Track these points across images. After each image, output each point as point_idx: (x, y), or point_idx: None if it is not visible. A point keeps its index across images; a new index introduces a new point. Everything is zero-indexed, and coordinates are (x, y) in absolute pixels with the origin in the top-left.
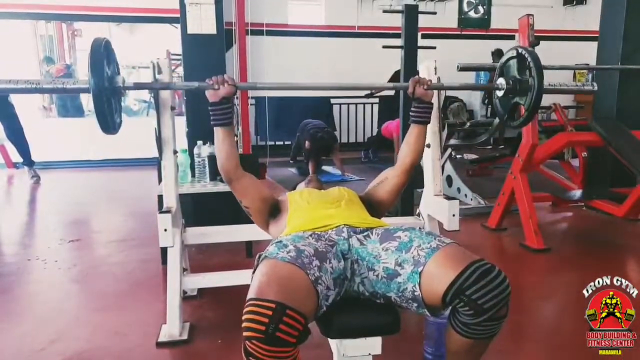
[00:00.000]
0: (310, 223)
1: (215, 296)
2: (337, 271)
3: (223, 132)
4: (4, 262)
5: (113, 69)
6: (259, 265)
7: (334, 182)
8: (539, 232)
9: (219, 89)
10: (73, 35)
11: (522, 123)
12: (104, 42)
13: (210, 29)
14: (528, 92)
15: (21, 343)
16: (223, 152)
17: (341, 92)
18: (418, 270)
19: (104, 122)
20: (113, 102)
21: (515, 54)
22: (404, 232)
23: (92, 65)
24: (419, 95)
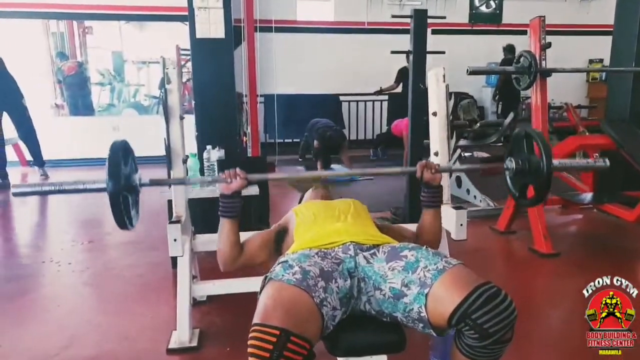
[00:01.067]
0: (317, 240)
1: (224, 302)
2: (344, 290)
3: (230, 224)
4: (20, 264)
5: (131, 168)
6: (265, 286)
7: (342, 181)
8: (548, 237)
9: (231, 182)
10: (84, 33)
11: (532, 203)
12: (122, 144)
13: (219, 33)
14: (537, 173)
15: (35, 348)
16: (228, 243)
17: (350, 89)
18: (424, 292)
19: (121, 220)
20: (130, 199)
21: (524, 134)
22: (410, 251)
23: (110, 169)
24: (427, 180)
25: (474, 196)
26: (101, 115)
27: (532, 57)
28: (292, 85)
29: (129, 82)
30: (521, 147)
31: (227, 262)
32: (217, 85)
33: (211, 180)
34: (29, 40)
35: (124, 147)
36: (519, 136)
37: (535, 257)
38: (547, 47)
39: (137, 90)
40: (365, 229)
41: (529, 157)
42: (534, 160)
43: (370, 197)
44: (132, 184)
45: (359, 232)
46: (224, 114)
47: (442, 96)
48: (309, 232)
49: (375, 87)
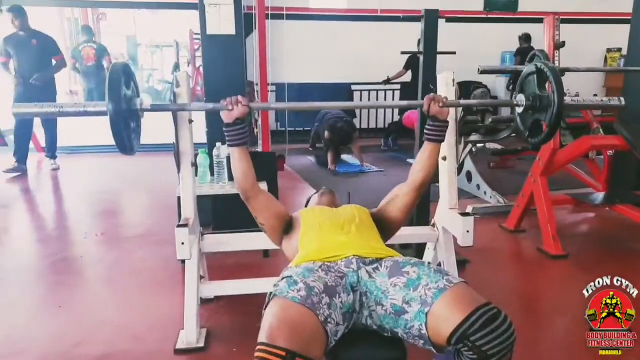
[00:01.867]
0: (321, 252)
1: (231, 300)
2: (347, 305)
3: (239, 152)
4: (34, 256)
5: (132, 92)
6: (270, 303)
7: (352, 173)
8: (557, 238)
9: (232, 109)
10: (98, 19)
11: (543, 140)
12: (123, 66)
13: (229, 30)
14: (548, 109)
15: (48, 346)
16: (239, 172)
17: (362, 78)
18: (425, 310)
19: (122, 143)
20: (131, 124)
21: (535, 69)
22: (412, 267)
23: (110, 90)
24: (434, 113)
25: (484, 192)
26: None
27: (545, 56)
28: (303, 74)
29: (143, 66)
30: (531, 83)
31: (242, 188)
32: (227, 81)
33: (212, 108)
34: (45, 27)
35: (124, 69)
36: (529, 71)
37: (543, 258)
38: (560, 46)
39: (150, 75)
40: (368, 241)
41: (540, 92)
42: (545, 95)
43: (380, 191)
44: (133, 107)
45: (362, 245)
46: None
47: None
48: (313, 243)
49: (379, 107)
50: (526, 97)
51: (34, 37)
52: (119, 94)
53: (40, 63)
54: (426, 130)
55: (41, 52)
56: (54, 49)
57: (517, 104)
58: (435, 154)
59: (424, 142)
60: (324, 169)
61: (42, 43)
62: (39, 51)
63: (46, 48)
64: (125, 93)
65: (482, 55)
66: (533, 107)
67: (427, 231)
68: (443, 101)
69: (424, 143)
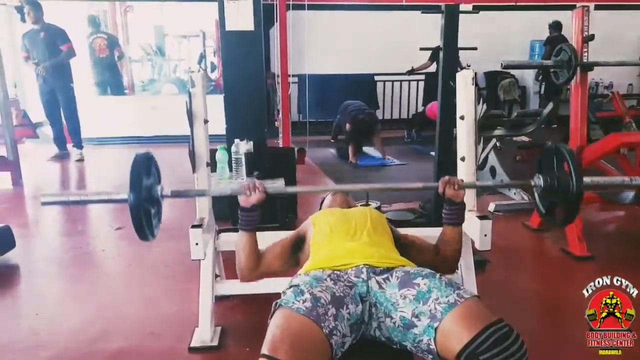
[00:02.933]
0: (330, 260)
1: (247, 298)
2: (354, 316)
3: (247, 237)
4: (56, 249)
5: (154, 180)
6: (275, 313)
7: (373, 166)
8: (582, 239)
9: (250, 195)
10: (125, 12)
11: (562, 223)
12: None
13: (248, 26)
14: (566, 192)
15: (69, 339)
16: (243, 257)
17: (385, 69)
18: (434, 325)
19: (141, 231)
20: (151, 210)
21: (553, 149)
22: (423, 279)
23: (132, 181)
24: (450, 196)
25: (508, 188)
26: (141, 92)
27: (572, 51)
28: (326, 65)
29: (170, 56)
30: (551, 163)
31: (244, 274)
32: (246, 77)
33: (231, 193)
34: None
35: (146, 158)
36: (549, 151)
37: (567, 260)
38: (589, 40)
39: (177, 66)
40: (379, 249)
41: (559, 174)
42: (564, 179)
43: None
44: (154, 195)
45: (373, 253)
46: (253, 107)
47: (471, 100)
48: (323, 250)
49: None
50: (544, 178)
51: (44, 30)
52: (140, 184)
53: (50, 54)
54: (444, 214)
55: (50, 43)
56: (62, 38)
57: (535, 185)
58: (457, 236)
59: (443, 226)
60: (345, 161)
61: (51, 35)
62: (48, 43)
63: (55, 38)
64: (146, 183)
65: (510, 44)
66: (551, 189)
67: None
68: (459, 183)
69: (444, 227)
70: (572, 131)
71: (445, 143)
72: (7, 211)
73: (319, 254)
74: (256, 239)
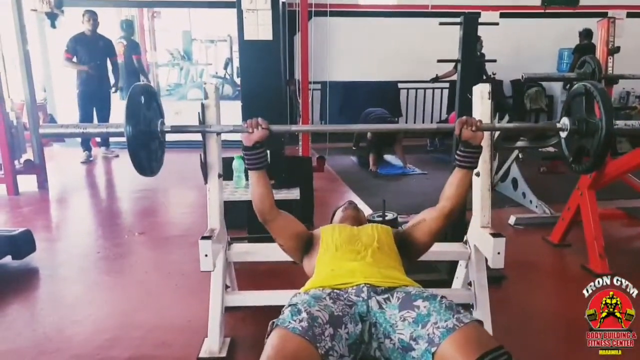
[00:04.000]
0: (332, 278)
1: (258, 309)
2: (353, 336)
3: (257, 176)
4: (77, 253)
5: (155, 113)
6: (272, 333)
7: (393, 175)
8: (604, 256)
9: (253, 132)
10: (152, 17)
11: (588, 169)
12: (144, 87)
13: (266, 35)
14: (595, 135)
15: (82, 345)
16: (257, 195)
17: (409, 76)
18: (431, 350)
19: (140, 165)
20: (152, 145)
21: (583, 90)
22: (424, 301)
23: (128, 113)
24: (467, 138)
25: (529, 201)
26: (167, 97)
27: (597, 64)
28: (350, 72)
29: (197, 61)
30: (579, 106)
31: (260, 211)
32: (264, 87)
33: (232, 130)
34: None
35: (145, 90)
36: (577, 92)
37: (587, 277)
38: (615, 52)
39: (204, 70)
40: (382, 269)
41: (587, 116)
42: (592, 121)
43: (421, 195)
44: (153, 129)
45: (374, 273)
46: (270, 117)
47: (487, 114)
48: (326, 267)
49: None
50: (571, 121)
51: (100, 40)
52: (138, 117)
53: (104, 63)
54: (457, 155)
55: (104, 54)
56: (113, 51)
57: (561, 128)
58: (466, 181)
59: (455, 169)
60: (365, 170)
61: (105, 46)
62: (103, 53)
63: (108, 50)
64: (145, 115)
65: (538, 52)
66: (579, 132)
67: (459, 248)
68: (477, 125)
69: (454, 169)
70: None
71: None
72: (31, 214)
73: (321, 272)
74: (267, 179)
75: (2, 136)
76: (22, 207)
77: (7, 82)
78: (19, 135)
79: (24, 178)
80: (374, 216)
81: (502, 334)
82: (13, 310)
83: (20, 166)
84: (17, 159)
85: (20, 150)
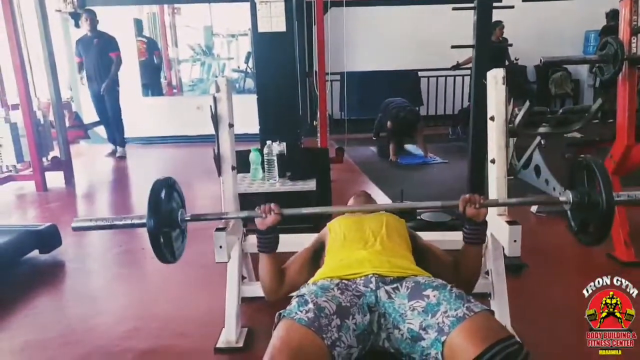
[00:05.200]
0: (340, 269)
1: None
2: (361, 327)
3: (267, 259)
4: (102, 246)
5: (176, 204)
6: (279, 324)
7: (414, 164)
8: (630, 244)
9: (266, 217)
10: (173, 13)
11: (592, 242)
12: (165, 181)
13: (280, 27)
14: (596, 209)
15: (103, 336)
16: (266, 277)
17: (430, 64)
18: (441, 339)
19: (161, 254)
20: (173, 234)
21: (584, 164)
22: (433, 290)
23: (150, 206)
24: (471, 215)
25: (552, 188)
26: (188, 92)
27: (619, 45)
28: (369, 62)
29: (219, 56)
30: (581, 178)
31: (269, 294)
32: (279, 79)
33: (247, 216)
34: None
35: (166, 184)
36: (579, 166)
37: (612, 265)
38: (639, 32)
39: (225, 65)
40: (390, 258)
41: (589, 190)
42: (594, 195)
43: (441, 184)
44: (175, 219)
45: (383, 262)
46: (285, 109)
47: (501, 100)
48: (335, 258)
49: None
50: (574, 194)
51: (97, 37)
52: (159, 209)
53: (101, 61)
54: (464, 233)
55: (101, 51)
56: (112, 46)
57: (564, 202)
58: (478, 256)
59: (463, 245)
60: (385, 160)
61: (102, 42)
62: (99, 50)
63: (106, 46)
64: (166, 207)
65: (563, 35)
66: (581, 205)
67: None
68: (479, 202)
69: (463, 245)
70: (618, 129)
71: (479, 143)
72: (58, 209)
73: (330, 263)
74: (277, 260)
75: (30, 134)
76: (50, 202)
77: (34, 81)
78: (46, 133)
79: (51, 175)
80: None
81: (519, 324)
82: (39, 302)
83: (47, 163)
84: (45, 156)
85: (48, 147)
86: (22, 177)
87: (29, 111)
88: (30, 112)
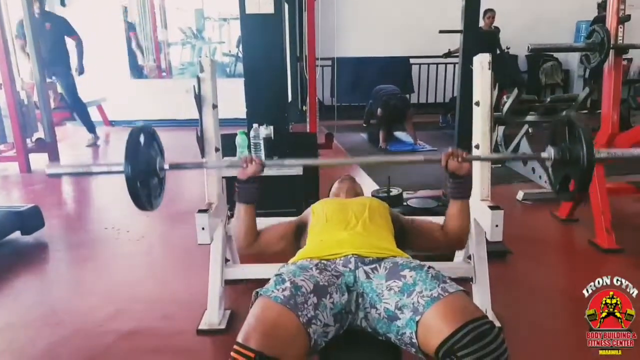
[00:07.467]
0: (320, 250)
1: (259, 283)
2: (338, 306)
3: (245, 209)
4: (84, 229)
5: (155, 152)
6: (255, 302)
7: (404, 151)
8: (611, 231)
9: (247, 167)
10: None
11: (572, 197)
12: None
13: (268, 9)
14: (577, 165)
15: (85, 318)
16: (243, 229)
17: (421, 51)
18: (415, 319)
19: (139, 202)
20: (151, 182)
21: (565, 120)
22: (410, 271)
23: (127, 153)
24: (453, 169)
25: (539, 176)
26: (178, 76)
27: (606, 33)
28: (360, 48)
29: (210, 39)
30: (562, 135)
31: (241, 247)
32: (266, 62)
33: (229, 165)
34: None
35: (144, 131)
36: (560, 123)
37: (594, 252)
38: (625, 20)
39: (216, 49)
40: (371, 239)
41: (570, 146)
42: (575, 150)
43: (428, 172)
44: (153, 167)
45: (363, 244)
46: (273, 92)
47: (487, 85)
48: (316, 238)
49: None
50: (556, 150)
51: (47, 21)
52: (137, 156)
53: (55, 45)
54: (449, 188)
55: (57, 35)
56: (69, 30)
57: (546, 158)
58: (464, 211)
59: (450, 200)
60: (375, 147)
61: (56, 26)
62: (54, 35)
63: (61, 30)
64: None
65: (555, 25)
66: (563, 161)
67: None
68: (461, 156)
69: (450, 201)
70: (603, 118)
71: (465, 128)
72: (41, 191)
73: (311, 244)
74: (255, 213)
75: (13, 115)
76: (34, 184)
77: (17, 62)
78: (30, 114)
79: (35, 156)
80: (378, 192)
81: (501, 308)
82: (21, 283)
83: (32, 145)
84: (29, 137)
85: (32, 129)
86: (5, 158)
87: (12, 91)
88: (14, 92)
